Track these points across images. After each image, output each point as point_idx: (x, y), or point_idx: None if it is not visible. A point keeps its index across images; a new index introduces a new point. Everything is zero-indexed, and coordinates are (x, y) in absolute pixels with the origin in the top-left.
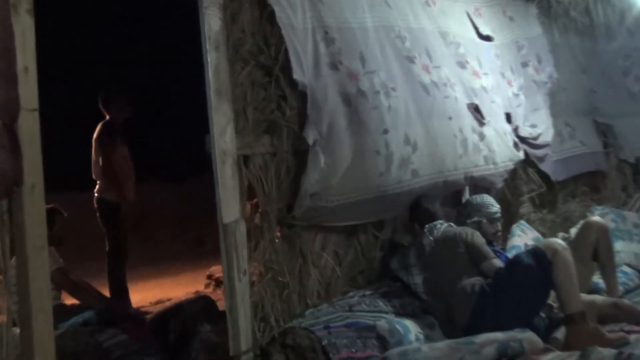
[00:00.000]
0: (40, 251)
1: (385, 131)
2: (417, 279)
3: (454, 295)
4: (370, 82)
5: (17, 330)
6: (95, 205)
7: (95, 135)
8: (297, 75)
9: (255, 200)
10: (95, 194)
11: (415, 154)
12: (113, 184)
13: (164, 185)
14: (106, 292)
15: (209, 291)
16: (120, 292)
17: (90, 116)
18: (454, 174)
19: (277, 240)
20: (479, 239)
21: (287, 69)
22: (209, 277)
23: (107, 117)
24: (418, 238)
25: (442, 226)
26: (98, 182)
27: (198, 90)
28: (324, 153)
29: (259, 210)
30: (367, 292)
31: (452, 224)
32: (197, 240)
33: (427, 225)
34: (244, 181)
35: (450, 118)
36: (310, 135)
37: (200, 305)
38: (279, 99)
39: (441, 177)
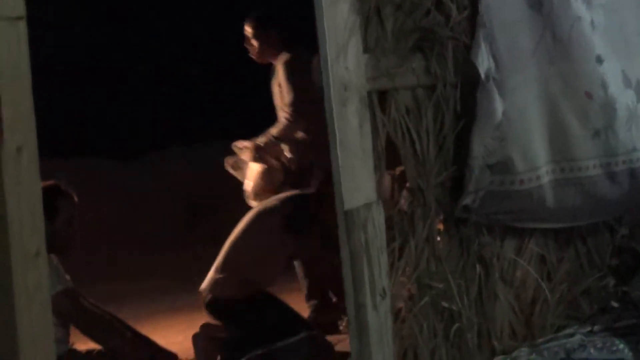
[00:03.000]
0: (33, 261)
1: (599, 60)
2: None
3: None
4: None
5: None
6: None
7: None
8: None
9: (399, 168)
10: None
11: None
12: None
13: None
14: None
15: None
16: None
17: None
18: None
19: (438, 239)
20: None
21: None
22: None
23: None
24: None
25: None
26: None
27: None
28: (501, 93)
29: (406, 185)
30: (598, 328)
31: None
32: None
33: None
34: (381, 136)
35: None
36: (484, 61)
37: (307, 352)
38: None
39: None
